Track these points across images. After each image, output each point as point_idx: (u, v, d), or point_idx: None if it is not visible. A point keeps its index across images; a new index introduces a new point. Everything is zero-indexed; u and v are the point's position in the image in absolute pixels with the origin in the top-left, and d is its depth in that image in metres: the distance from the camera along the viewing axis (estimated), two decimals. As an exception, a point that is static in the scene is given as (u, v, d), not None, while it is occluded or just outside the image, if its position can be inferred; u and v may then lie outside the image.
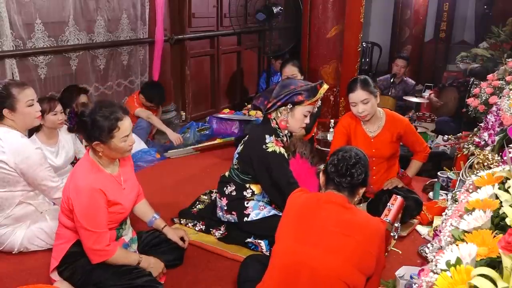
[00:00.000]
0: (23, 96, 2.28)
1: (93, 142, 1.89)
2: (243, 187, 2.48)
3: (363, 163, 1.69)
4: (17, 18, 3.24)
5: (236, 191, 2.48)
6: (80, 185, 1.89)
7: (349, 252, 1.55)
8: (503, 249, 0.83)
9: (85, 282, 1.97)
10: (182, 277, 2.23)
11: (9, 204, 2.30)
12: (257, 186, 2.47)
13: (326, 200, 1.67)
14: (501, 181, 1.15)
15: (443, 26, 7.91)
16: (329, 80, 4.38)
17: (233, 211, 2.49)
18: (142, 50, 4.55)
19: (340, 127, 2.87)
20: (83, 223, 1.87)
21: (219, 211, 2.58)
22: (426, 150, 2.83)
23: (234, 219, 2.50)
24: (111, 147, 1.91)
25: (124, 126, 1.90)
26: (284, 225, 1.72)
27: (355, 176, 1.66)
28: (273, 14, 4.64)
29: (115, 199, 1.96)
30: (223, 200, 2.52)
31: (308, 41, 4.44)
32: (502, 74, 3.35)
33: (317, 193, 1.81)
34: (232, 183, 2.50)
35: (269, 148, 2.33)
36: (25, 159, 2.24)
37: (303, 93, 2.34)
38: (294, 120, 2.39)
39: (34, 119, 2.38)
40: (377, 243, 1.60)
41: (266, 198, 2.50)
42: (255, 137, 2.43)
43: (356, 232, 1.57)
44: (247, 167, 2.43)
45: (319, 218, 1.63)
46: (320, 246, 1.57)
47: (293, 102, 2.35)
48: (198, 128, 4.48)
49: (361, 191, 1.72)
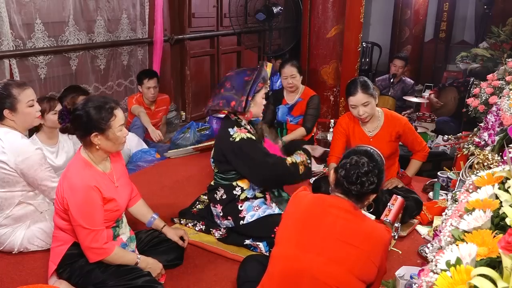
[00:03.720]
0: (23, 96, 2.28)
1: (91, 134, 1.89)
2: (231, 187, 2.48)
3: (377, 171, 1.61)
4: (17, 18, 3.24)
5: (226, 194, 2.49)
6: (74, 183, 1.88)
7: (352, 262, 1.52)
8: (503, 249, 0.83)
9: (84, 282, 1.97)
10: (182, 277, 2.23)
11: (8, 204, 2.30)
12: (244, 181, 2.48)
13: (331, 204, 1.61)
14: (501, 181, 1.15)
15: (443, 26, 7.91)
16: (329, 80, 4.39)
17: (229, 216, 2.49)
18: (142, 50, 4.55)
19: (338, 127, 2.88)
20: (80, 221, 1.86)
21: (216, 219, 2.59)
22: (425, 149, 2.83)
23: (231, 224, 2.49)
24: (109, 137, 1.92)
25: (119, 114, 1.94)
26: (286, 228, 1.66)
27: (365, 185, 1.58)
28: (273, 14, 4.65)
29: (109, 195, 1.96)
30: (217, 207, 2.53)
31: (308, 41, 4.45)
32: (502, 74, 3.35)
33: (323, 196, 1.72)
34: (220, 187, 2.51)
35: (236, 138, 2.37)
36: (25, 159, 2.23)
37: (260, 79, 2.41)
38: (257, 106, 2.46)
39: (34, 119, 2.38)
40: (381, 254, 1.56)
41: (257, 190, 2.50)
42: (221, 136, 2.47)
43: (361, 242, 1.53)
44: (225, 165, 2.46)
45: (324, 225, 1.57)
46: (324, 254, 1.53)
47: (255, 91, 2.41)
48: (198, 128, 4.47)
49: (371, 197, 1.66)
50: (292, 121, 3.73)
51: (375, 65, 7.63)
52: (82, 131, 1.92)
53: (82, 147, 1.99)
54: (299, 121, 3.69)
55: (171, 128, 4.75)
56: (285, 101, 3.75)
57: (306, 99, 3.66)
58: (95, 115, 1.87)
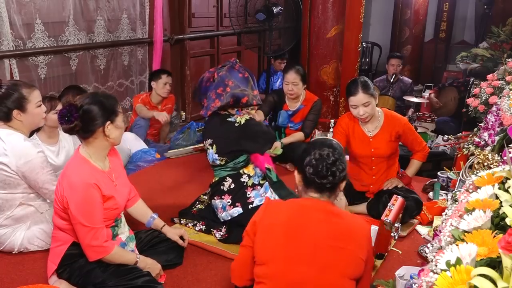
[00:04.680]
0: (33, 97, 2.29)
1: (105, 124, 1.91)
2: (239, 175, 2.57)
3: (341, 157, 1.57)
4: (17, 18, 3.24)
5: (234, 183, 2.57)
6: (74, 181, 1.88)
7: (344, 265, 1.50)
8: (503, 249, 0.83)
9: (84, 282, 1.97)
10: (182, 277, 2.23)
11: (9, 206, 2.29)
12: (249, 168, 2.60)
13: (310, 208, 1.55)
14: (501, 181, 1.15)
15: (443, 26, 7.91)
16: (329, 80, 4.39)
17: (237, 203, 2.54)
18: (142, 50, 4.55)
19: (338, 127, 2.87)
20: (80, 219, 1.86)
21: (220, 212, 2.59)
22: (425, 149, 2.83)
23: (238, 211, 2.52)
24: (117, 126, 1.97)
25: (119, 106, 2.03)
26: (269, 244, 1.55)
27: (337, 174, 1.55)
28: (273, 14, 4.64)
29: (109, 193, 1.96)
30: (225, 198, 2.56)
31: (308, 41, 4.45)
32: (502, 74, 3.35)
33: (298, 202, 1.63)
34: (227, 178, 2.58)
35: (242, 121, 2.52)
36: (27, 162, 2.22)
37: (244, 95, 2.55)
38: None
39: (41, 120, 2.39)
40: (366, 247, 1.55)
41: (260, 176, 2.64)
42: (224, 129, 2.56)
43: (347, 242, 1.50)
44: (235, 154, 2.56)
45: (308, 233, 1.51)
46: (315, 264, 1.48)
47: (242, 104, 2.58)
48: (198, 128, 4.47)
49: (342, 185, 1.61)
50: (292, 127, 3.73)
51: (375, 65, 7.64)
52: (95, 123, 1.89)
53: (81, 145, 1.99)
54: (299, 127, 3.70)
55: (171, 128, 4.75)
56: (286, 107, 3.73)
57: (309, 105, 3.65)
58: (107, 104, 1.93)
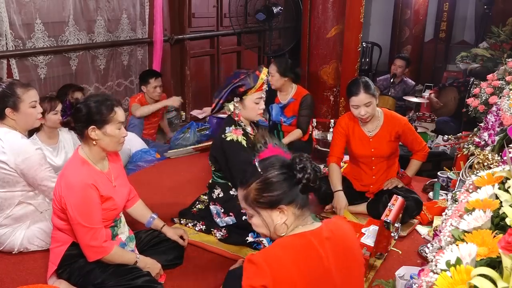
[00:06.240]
0: (27, 96, 2.29)
1: (89, 127, 1.89)
2: (228, 187, 2.52)
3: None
4: (17, 18, 3.24)
5: (222, 193, 2.53)
6: (72, 181, 1.88)
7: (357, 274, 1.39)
8: (503, 249, 0.82)
9: (84, 282, 1.97)
10: (182, 277, 2.22)
11: (8, 204, 2.30)
12: None
13: (316, 243, 1.31)
14: (501, 181, 1.15)
15: (443, 26, 7.91)
16: (329, 80, 4.38)
17: (230, 213, 2.50)
18: (142, 50, 4.55)
19: (338, 127, 2.87)
20: (78, 219, 1.86)
21: (216, 218, 2.59)
22: (425, 149, 2.83)
23: (233, 220, 2.50)
24: (106, 133, 1.92)
25: (119, 112, 1.95)
26: None
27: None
28: (273, 14, 4.65)
29: (107, 194, 1.96)
30: (217, 205, 2.55)
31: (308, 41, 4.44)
32: (502, 74, 3.35)
33: (301, 242, 1.32)
34: (217, 186, 2.56)
35: (228, 137, 2.42)
36: (26, 159, 2.23)
37: (242, 84, 2.42)
38: (247, 110, 2.47)
39: (35, 121, 2.38)
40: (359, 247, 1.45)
41: None
42: (218, 132, 2.52)
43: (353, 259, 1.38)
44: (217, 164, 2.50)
45: (327, 275, 1.30)
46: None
47: (237, 94, 2.43)
48: (198, 128, 4.47)
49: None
50: (285, 122, 3.73)
51: (375, 65, 7.63)
52: (81, 124, 1.92)
53: (80, 146, 2.00)
54: (293, 121, 3.69)
55: (171, 128, 4.75)
56: (277, 100, 3.75)
57: (299, 99, 3.65)
58: (95, 108, 1.90)
